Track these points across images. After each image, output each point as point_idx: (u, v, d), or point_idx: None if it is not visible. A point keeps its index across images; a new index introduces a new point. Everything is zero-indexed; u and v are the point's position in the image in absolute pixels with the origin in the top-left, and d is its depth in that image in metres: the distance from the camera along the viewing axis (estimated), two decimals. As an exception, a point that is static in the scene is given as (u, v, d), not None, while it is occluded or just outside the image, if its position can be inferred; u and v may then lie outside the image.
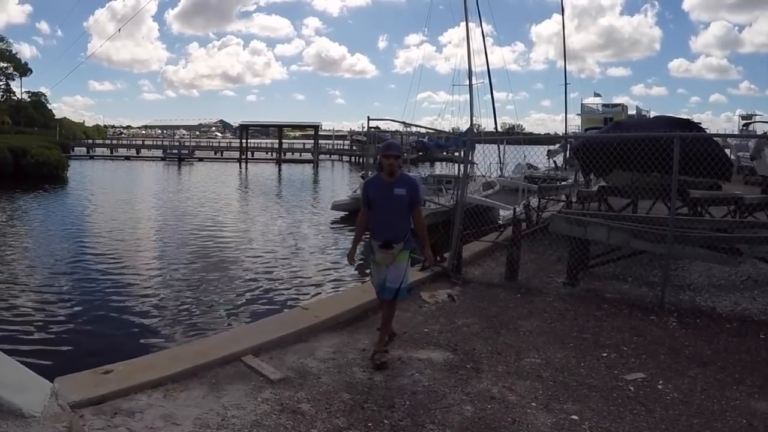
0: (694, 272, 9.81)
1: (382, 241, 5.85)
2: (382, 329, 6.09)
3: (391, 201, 5.81)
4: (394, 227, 5.85)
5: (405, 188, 5.84)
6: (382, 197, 5.87)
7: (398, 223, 5.86)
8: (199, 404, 4.76)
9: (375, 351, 5.85)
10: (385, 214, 5.87)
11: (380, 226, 5.91)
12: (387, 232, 5.84)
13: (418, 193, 6.03)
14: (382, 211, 5.88)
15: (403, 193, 5.82)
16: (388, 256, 5.84)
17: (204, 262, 16.02)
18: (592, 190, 13.28)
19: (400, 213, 5.86)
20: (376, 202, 5.93)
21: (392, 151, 5.91)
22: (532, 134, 73.65)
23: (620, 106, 63.23)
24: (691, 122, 13.97)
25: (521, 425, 4.53)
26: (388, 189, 5.85)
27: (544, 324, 7.13)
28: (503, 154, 28.88)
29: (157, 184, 43.48)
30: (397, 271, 5.87)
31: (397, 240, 5.83)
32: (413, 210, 5.96)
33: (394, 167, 5.86)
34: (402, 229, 5.88)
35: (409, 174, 6.22)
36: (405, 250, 5.92)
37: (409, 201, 5.87)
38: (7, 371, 4.62)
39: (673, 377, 5.54)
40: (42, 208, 27.71)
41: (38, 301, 11.96)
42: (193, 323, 10.70)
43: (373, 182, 6.11)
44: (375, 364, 5.66)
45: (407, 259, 6.02)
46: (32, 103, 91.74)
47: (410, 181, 6.00)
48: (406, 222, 5.93)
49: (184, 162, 69.36)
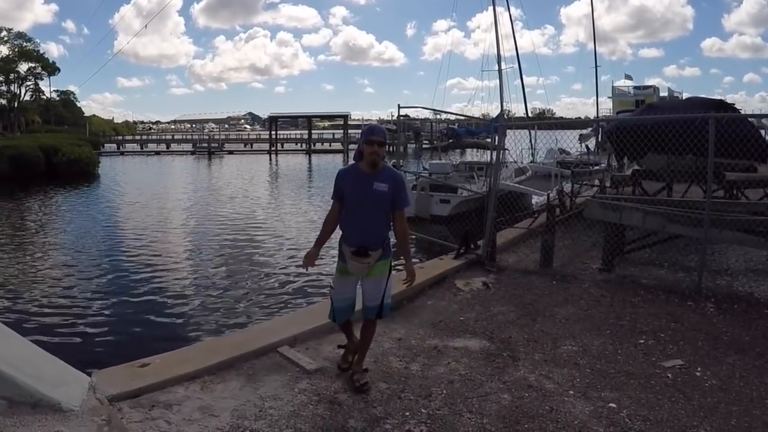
0: (731, 257, 9.69)
1: (355, 246, 4.85)
2: (360, 352, 5.22)
3: (370, 198, 4.82)
4: (371, 230, 4.86)
5: (388, 184, 4.85)
6: (358, 192, 4.85)
7: (376, 226, 4.88)
8: (236, 396, 4.81)
9: (353, 372, 5.12)
10: (361, 214, 4.85)
11: (354, 228, 4.90)
12: (362, 236, 4.85)
13: (404, 194, 5.02)
14: (358, 209, 4.86)
15: (385, 189, 4.82)
16: (362, 266, 4.88)
17: (238, 254, 16.22)
18: (626, 174, 13.14)
19: (379, 213, 4.89)
20: (351, 197, 4.90)
21: (377, 136, 4.84)
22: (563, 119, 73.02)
23: (652, 88, 62.47)
24: (724, 103, 13.69)
25: (559, 413, 4.53)
26: (366, 183, 4.83)
27: (580, 311, 7.10)
28: (534, 139, 28.74)
29: (187, 178, 44.03)
30: (375, 286, 4.98)
31: (374, 246, 4.86)
32: (395, 213, 4.98)
33: (378, 157, 4.84)
34: (381, 234, 4.91)
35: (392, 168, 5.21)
36: (384, 259, 4.98)
37: (392, 200, 4.89)
38: (46, 366, 4.69)
39: (711, 364, 5.49)
40: (75, 204, 28.24)
41: (75, 296, 12.22)
42: (229, 315, 10.85)
43: (349, 173, 5.02)
44: (355, 386, 4.95)
45: (388, 271, 5.05)
46: (61, 102, 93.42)
47: (395, 177, 4.98)
48: (386, 225, 4.98)
49: (214, 155, 69.99)
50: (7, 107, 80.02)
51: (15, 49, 79.01)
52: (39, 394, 4.18)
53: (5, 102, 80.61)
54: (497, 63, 37.66)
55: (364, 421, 4.43)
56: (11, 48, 78.91)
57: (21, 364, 4.34)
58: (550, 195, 12.34)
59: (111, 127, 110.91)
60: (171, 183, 40.03)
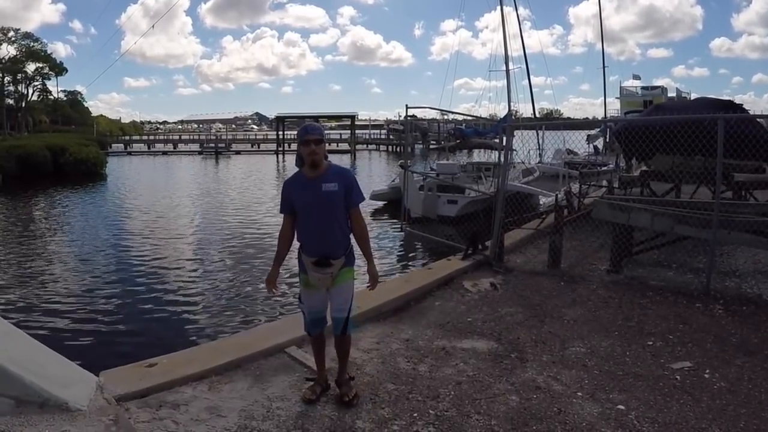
0: (739, 258, 9.65)
1: (315, 257, 4.52)
2: (341, 364, 4.88)
3: (321, 201, 4.48)
4: (329, 237, 4.53)
5: (337, 182, 4.53)
6: (307, 198, 4.52)
7: (334, 231, 4.54)
8: (243, 396, 4.82)
9: (338, 384, 4.83)
10: (315, 221, 4.52)
11: (311, 237, 4.57)
12: (321, 245, 4.53)
13: (356, 189, 4.67)
14: (311, 217, 4.52)
15: (335, 188, 4.50)
16: (325, 276, 4.55)
17: (244, 255, 16.27)
18: (634, 175, 13.12)
19: (334, 217, 4.54)
20: (300, 205, 4.56)
21: (313, 134, 4.51)
22: (570, 119, 72.89)
23: (660, 89, 62.32)
24: (733, 103, 13.66)
25: (567, 415, 4.53)
26: (313, 187, 4.51)
27: (588, 312, 7.09)
28: (542, 140, 28.71)
29: (195, 178, 44.05)
30: (341, 295, 4.64)
31: (336, 254, 4.54)
32: (350, 211, 4.64)
33: (318, 156, 4.50)
34: (340, 239, 4.57)
35: (338, 165, 4.85)
36: (348, 266, 4.67)
37: (344, 199, 4.56)
38: (53, 365, 4.70)
39: (719, 366, 5.47)
40: (82, 204, 28.38)
41: (83, 296, 12.27)
42: (236, 316, 10.87)
43: (294, 181, 4.69)
44: (344, 401, 4.68)
45: (352, 278, 4.74)
46: (69, 102, 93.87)
47: (343, 173, 4.67)
48: (344, 228, 4.62)
49: (221, 155, 70.06)
50: (14, 107, 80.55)
51: (22, 50, 79.48)
52: (46, 394, 4.19)
53: (13, 102, 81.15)
54: (505, 63, 37.79)
55: (371, 422, 4.44)
56: (19, 48, 79.44)
57: (28, 363, 4.35)
58: (558, 196, 12.29)
59: (118, 127, 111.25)
60: (178, 183, 40.09)
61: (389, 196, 24.32)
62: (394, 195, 23.40)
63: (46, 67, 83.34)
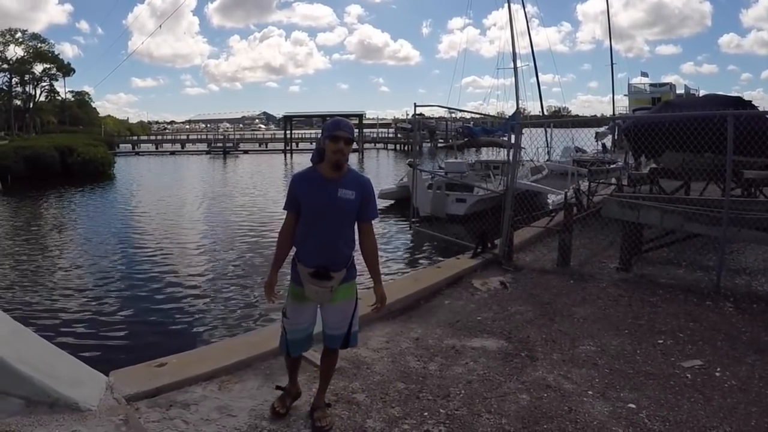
0: (749, 256, 9.60)
1: (314, 267, 3.98)
2: (322, 383, 4.49)
3: (334, 207, 3.99)
4: (334, 247, 4.02)
5: (355, 191, 4.03)
6: (319, 201, 4.00)
7: (340, 242, 4.05)
8: (254, 395, 4.81)
9: (313, 408, 4.41)
10: (321, 227, 4.01)
11: (313, 245, 4.03)
12: (323, 255, 3.99)
13: (373, 203, 4.20)
14: (318, 221, 4.01)
15: (352, 196, 4.00)
16: (323, 290, 4.00)
17: (253, 255, 16.30)
18: (643, 173, 13.08)
19: (344, 227, 4.07)
20: (310, 207, 4.04)
21: (344, 131, 3.98)
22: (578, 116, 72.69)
23: (668, 86, 61.97)
24: (742, 100, 13.62)
25: (578, 414, 4.52)
26: (329, 189, 4.00)
27: (598, 311, 7.07)
28: (550, 137, 28.64)
29: (203, 178, 44.18)
30: (339, 313, 4.18)
31: (337, 267, 4.02)
32: (362, 226, 4.16)
33: (344, 157, 4.01)
34: (345, 251, 4.08)
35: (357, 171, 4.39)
36: (349, 281, 4.15)
37: (358, 210, 4.08)
38: (63, 366, 4.70)
39: (730, 364, 5.45)
40: (90, 204, 28.55)
41: (92, 296, 12.32)
42: (245, 315, 10.88)
43: (307, 178, 4.16)
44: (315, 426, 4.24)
45: (354, 293, 4.24)
46: (76, 102, 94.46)
47: (363, 183, 4.14)
48: (350, 240, 4.14)
49: (229, 155, 70.35)
50: (22, 108, 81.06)
51: (30, 51, 79.89)
52: (56, 394, 4.20)
53: (21, 103, 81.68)
54: (513, 60, 37.73)
55: (382, 421, 4.43)
56: (26, 49, 79.83)
57: (38, 363, 4.36)
58: (567, 194, 12.26)
59: (126, 128, 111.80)
60: (186, 183, 40.19)
61: (398, 195, 24.34)
62: (403, 194, 23.41)
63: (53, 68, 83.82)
